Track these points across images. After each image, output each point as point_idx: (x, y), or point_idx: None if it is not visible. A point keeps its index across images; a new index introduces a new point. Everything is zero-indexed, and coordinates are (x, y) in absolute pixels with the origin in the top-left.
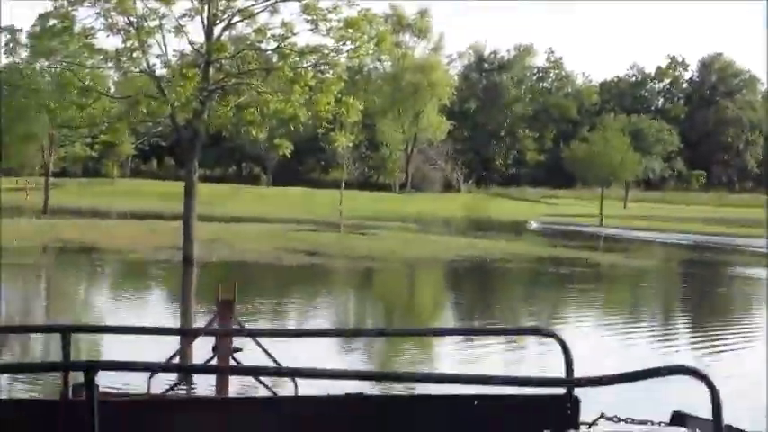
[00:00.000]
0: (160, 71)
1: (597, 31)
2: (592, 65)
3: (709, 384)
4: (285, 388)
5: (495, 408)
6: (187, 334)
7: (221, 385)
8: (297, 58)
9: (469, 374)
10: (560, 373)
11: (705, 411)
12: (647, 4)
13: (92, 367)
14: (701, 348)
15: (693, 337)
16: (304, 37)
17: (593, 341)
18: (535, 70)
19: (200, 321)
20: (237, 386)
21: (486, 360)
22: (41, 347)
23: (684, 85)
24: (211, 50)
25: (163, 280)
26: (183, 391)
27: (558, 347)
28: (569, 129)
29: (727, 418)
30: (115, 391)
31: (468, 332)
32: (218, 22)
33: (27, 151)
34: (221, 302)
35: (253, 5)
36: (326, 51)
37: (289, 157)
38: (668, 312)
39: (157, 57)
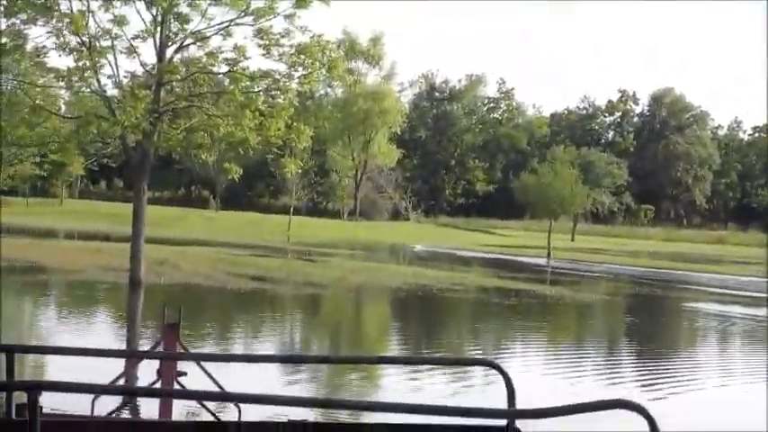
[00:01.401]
0: (111, 91)
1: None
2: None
3: (649, 418)
4: (229, 413)
5: None
6: (132, 356)
7: (165, 409)
8: (248, 83)
9: (412, 404)
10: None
11: None
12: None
13: (35, 388)
14: (648, 384)
15: (641, 374)
16: (256, 61)
17: (539, 374)
18: (486, 100)
19: (145, 344)
20: (181, 411)
21: (429, 389)
22: None
23: (635, 119)
24: (163, 72)
25: (109, 302)
26: (127, 415)
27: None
28: (519, 159)
29: None
30: (58, 412)
31: (411, 361)
32: (170, 44)
33: None
34: (166, 326)
35: (205, 28)
36: (278, 76)
37: (238, 181)
38: (614, 347)
39: (109, 77)
